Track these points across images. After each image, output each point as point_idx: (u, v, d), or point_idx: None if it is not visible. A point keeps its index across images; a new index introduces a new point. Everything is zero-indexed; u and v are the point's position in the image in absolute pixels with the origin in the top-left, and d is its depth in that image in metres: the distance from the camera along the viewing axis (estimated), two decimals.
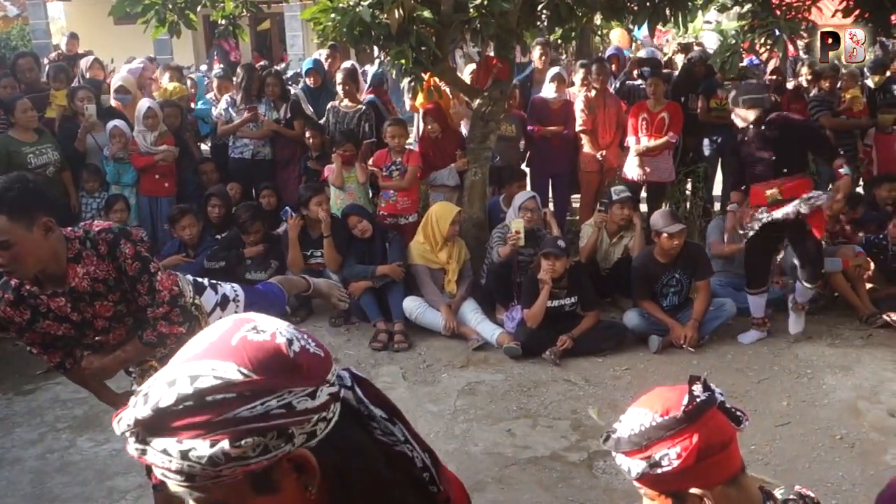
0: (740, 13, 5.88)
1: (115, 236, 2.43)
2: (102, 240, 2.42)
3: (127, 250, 2.42)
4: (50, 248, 2.34)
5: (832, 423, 4.23)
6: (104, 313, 2.51)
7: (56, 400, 4.67)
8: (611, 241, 5.94)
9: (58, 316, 2.48)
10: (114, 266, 2.43)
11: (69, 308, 2.47)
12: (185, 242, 5.98)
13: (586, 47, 10.37)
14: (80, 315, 2.49)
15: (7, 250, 2.24)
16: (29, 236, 2.26)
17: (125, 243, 2.43)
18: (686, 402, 1.35)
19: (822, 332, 5.44)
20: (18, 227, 2.23)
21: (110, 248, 2.41)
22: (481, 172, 6.15)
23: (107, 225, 2.51)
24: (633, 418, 1.39)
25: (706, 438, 1.33)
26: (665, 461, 1.34)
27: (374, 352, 5.28)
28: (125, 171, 6.45)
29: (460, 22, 5.47)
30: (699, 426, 1.34)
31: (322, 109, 7.03)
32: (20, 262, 2.29)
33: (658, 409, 1.37)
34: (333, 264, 5.80)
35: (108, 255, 2.42)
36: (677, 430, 1.33)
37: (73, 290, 2.43)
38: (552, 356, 5.01)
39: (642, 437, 1.36)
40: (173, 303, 2.51)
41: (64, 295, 2.44)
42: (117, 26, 12.36)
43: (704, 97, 7.51)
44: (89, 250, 2.41)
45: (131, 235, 2.49)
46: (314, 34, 5.82)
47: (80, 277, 2.41)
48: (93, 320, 2.52)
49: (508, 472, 3.80)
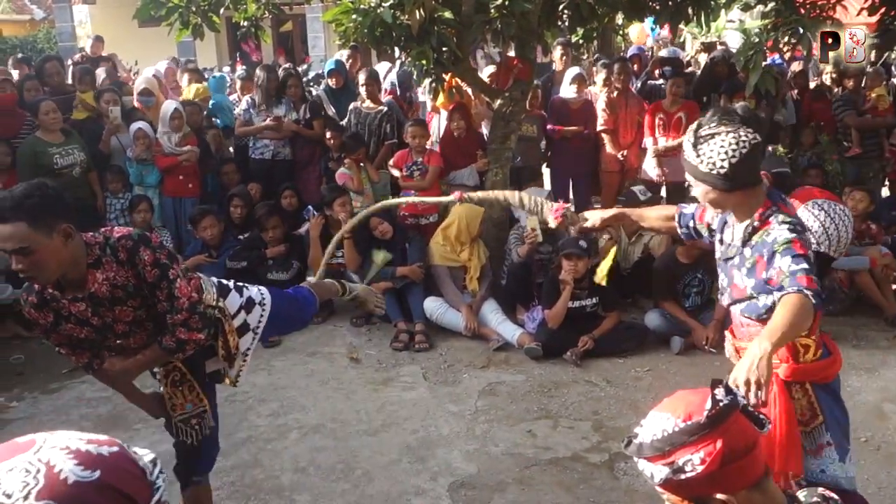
0: (764, 12, 5.83)
1: (134, 243, 2.44)
2: (122, 247, 2.43)
3: (146, 257, 2.43)
4: (70, 254, 2.36)
5: (857, 425, 4.16)
6: (124, 318, 2.53)
7: (81, 398, 4.73)
8: (630, 241, 5.91)
9: (79, 320, 2.51)
10: (133, 273, 2.44)
11: (90, 313, 2.49)
12: (208, 243, 6.03)
13: (608, 47, 10.33)
14: (100, 319, 2.51)
15: (27, 256, 2.26)
16: (49, 243, 2.28)
17: (144, 250, 2.43)
18: (709, 407, 1.33)
19: (846, 333, 5.37)
20: (39, 234, 2.25)
21: (129, 254, 2.42)
22: (502, 173, 6.14)
23: (126, 231, 2.51)
24: (656, 423, 1.38)
25: (730, 443, 1.31)
26: (688, 467, 1.32)
27: (395, 352, 5.29)
28: (148, 173, 6.51)
29: (481, 22, 5.47)
30: (722, 431, 1.32)
31: (344, 110, 7.06)
32: (41, 269, 2.31)
33: (680, 414, 1.35)
34: (353, 265, 5.83)
35: (128, 261, 2.43)
36: (700, 435, 1.32)
37: (93, 296, 2.45)
38: (573, 357, 5.00)
39: (665, 443, 1.34)
40: (192, 309, 2.52)
41: (84, 300, 2.46)
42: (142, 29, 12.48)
43: (727, 97, 7.45)
44: (109, 256, 2.43)
45: (151, 242, 2.49)
46: (336, 35, 5.84)
47: (99, 283, 2.43)
48: (113, 324, 2.54)
49: (529, 473, 3.80)
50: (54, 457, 0.90)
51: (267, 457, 4.00)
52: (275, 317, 3.00)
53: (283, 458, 3.99)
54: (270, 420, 4.40)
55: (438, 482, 3.73)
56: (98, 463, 0.92)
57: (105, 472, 0.92)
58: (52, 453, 0.91)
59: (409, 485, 3.72)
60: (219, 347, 2.78)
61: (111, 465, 0.93)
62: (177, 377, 2.80)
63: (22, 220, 2.22)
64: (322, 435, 4.21)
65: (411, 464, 3.90)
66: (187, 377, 2.80)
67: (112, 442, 0.97)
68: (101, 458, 0.93)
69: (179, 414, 2.84)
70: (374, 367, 5.08)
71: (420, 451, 4.01)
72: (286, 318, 3.20)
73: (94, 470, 0.91)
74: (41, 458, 0.90)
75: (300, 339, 5.38)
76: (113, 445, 0.96)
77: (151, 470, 0.99)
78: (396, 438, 4.14)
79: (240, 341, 2.84)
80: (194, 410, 2.83)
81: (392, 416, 4.39)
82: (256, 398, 4.63)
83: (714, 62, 7.84)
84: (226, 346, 2.77)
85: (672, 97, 6.74)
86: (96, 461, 0.92)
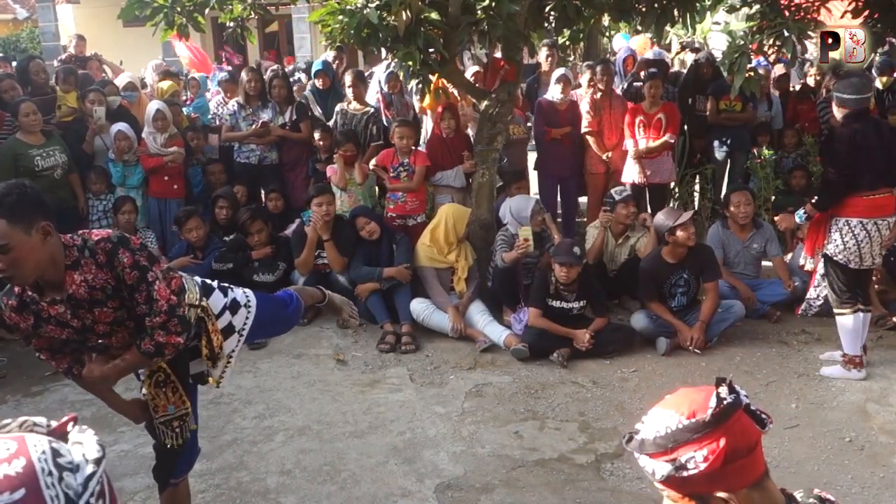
0: (749, 14, 5.86)
1: (113, 245, 2.41)
2: (101, 249, 2.40)
3: (125, 259, 2.40)
4: (48, 253, 2.34)
5: (841, 425, 4.21)
6: (104, 319, 2.50)
7: (64, 402, 4.69)
8: (617, 242, 5.93)
9: (59, 322, 2.48)
10: (112, 275, 2.42)
11: (69, 315, 2.46)
12: (193, 244, 5.99)
13: (594, 49, 10.36)
14: (79, 322, 2.48)
15: (6, 255, 2.25)
16: (28, 241, 2.26)
17: (124, 252, 2.41)
18: (713, 405, 1.34)
19: (831, 334, 5.39)
20: (17, 231, 2.24)
21: (109, 257, 2.40)
22: (489, 174, 6.14)
23: (105, 234, 2.48)
24: (659, 420, 1.38)
25: (733, 442, 1.32)
26: (691, 464, 1.32)
27: (382, 353, 5.28)
28: (131, 174, 6.47)
29: (468, 24, 5.47)
30: (726, 429, 1.32)
31: (331, 111, 7.05)
32: (19, 267, 2.29)
33: (684, 411, 1.36)
34: (337, 266, 5.81)
35: (107, 264, 2.40)
36: (704, 432, 1.32)
37: (71, 297, 2.42)
38: (559, 358, 5.00)
39: (668, 440, 1.35)
40: (171, 313, 2.48)
41: (62, 302, 2.44)
42: (126, 29, 12.42)
43: (714, 98, 7.50)
44: (88, 259, 2.40)
45: (130, 244, 2.45)
46: (322, 36, 5.82)
47: (77, 285, 2.40)
48: (93, 325, 2.51)
49: (516, 475, 3.80)
50: None
51: (252, 459, 3.98)
52: (260, 319, 2.98)
53: (268, 460, 3.97)
54: (256, 422, 4.38)
55: (425, 484, 3.72)
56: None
57: None
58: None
59: (395, 486, 3.71)
60: (202, 347, 2.75)
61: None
62: (160, 378, 2.78)
63: (1, 217, 2.22)
64: (308, 437, 4.20)
65: (398, 465, 3.89)
66: (171, 378, 2.78)
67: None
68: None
69: (161, 416, 2.81)
70: (360, 369, 5.07)
71: (407, 453, 4.00)
72: (272, 321, 3.17)
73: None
74: None
75: (286, 341, 5.36)
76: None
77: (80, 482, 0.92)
78: (383, 440, 4.13)
79: (225, 343, 2.82)
80: (177, 412, 2.81)
81: (379, 417, 4.38)
82: (242, 400, 4.61)
83: (699, 64, 7.88)
84: (209, 346, 2.75)
85: (651, 99, 6.77)
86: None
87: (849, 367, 4.70)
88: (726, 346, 5.28)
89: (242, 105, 6.88)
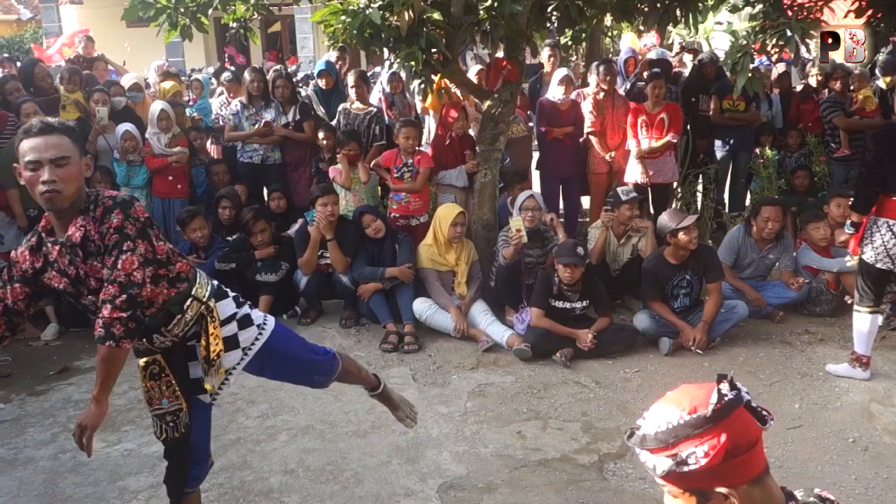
0: (752, 14, 5.86)
1: (113, 204, 2.46)
2: (103, 203, 2.47)
3: (115, 220, 2.43)
4: (82, 185, 2.50)
5: (845, 425, 4.21)
6: (94, 274, 2.52)
7: (68, 401, 4.71)
8: (619, 243, 5.93)
9: (60, 269, 2.53)
10: (98, 231, 2.45)
11: (66, 261, 2.51)
12: (196, 244, 6.00)
13: (597, 49, 10.35)
14: (75, 270, 2.52)
15: (62, 168, 2.42)
16: (79, 163, 2.48)
17: (118, 213, 2.44)
18: (714, 401, 1.35)
19: (834, 334, 5.41)
20: (75, 151, 2.48)
21: (104, 213, 2.45)
22: (491, 174, 6.15)
23: (115, 193, 2.56)
24: (660, 415, 1.39)
25: (734, 438, 1.33)
26: (692, 459, 1.34)
27: (385, 353, 5.28)
28: (135, 174, 6.49)
29: (470, 24, 5.47)
30: (727, 425, 1.34)
31: (334, 111, 7.06)
32: (67, 184, 2.42)
33: (685, 407, 1.37)
34: (340, 266, 5.81)
35: (100, 218, 2.45)
36: (705, 428, 1.34)
37: (69, 239, 2.48)
38: (562, 358, 5.00)
39: (669, 435, 1.36)
40: (123, 287, 2.43)
41: (62, 245, 2.50)
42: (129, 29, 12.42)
43: (717, 98, 7.49)
44: (92, 209, 2.49)
45: (130, 209, 2.47)
46: (324, 36, 5.82)
47: (76, 228, 2.47)
48: (86, 279, 2.53)
49: (519, 475, 3.80)
50: None
51: (256, 458, 3.99)
52: (275, 349, 2.89)
53: (272, 459, 3.98)
54: (259, 422, 4.38)
55: (428, 483, 3.73)
56: None
57: None
58: None
59: (398, 486, 3.71)
60: (201, 348, 2.75)
61: None
62: (155, 370, 2.76)
63: (65, 135, 2.47)
64: (311, 437, 4.20)
65: (401, 465, 3.89)
66: (165, 372, 2.77)
67: None
68: None
69: (155, 408, 2.81)
70: None
71: (409, 453, 4.00)
72: (291, 358, 3.00)
73: None
74: None
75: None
76: None
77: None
78: (386, 440, 4.14)
79: (225, 353, 2.77)
80: (170, 407, 2.79)
81: (381, 417, 4.38)
82: (245, 400, 4.61)
83: (702, 64, 7.88)
84: (207, 349, 2.73)
85: (654, 99, 6.77)
86: None
87: (855, 365, 4.70)
88: (729, 346, 5.27)
89: (246, 105, 6.90)
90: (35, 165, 2.41)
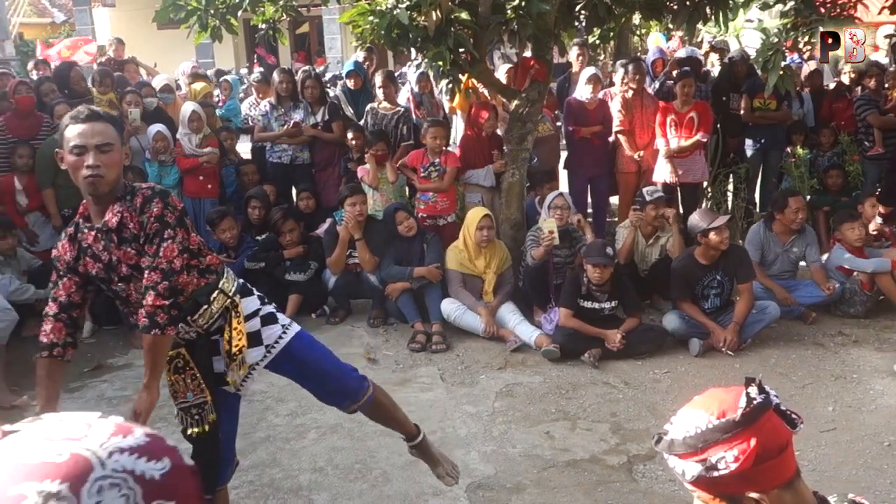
0: (783, 11, 5.78)
1: (153, 193, 2.57)
2: (142, 194, 2.56)
3: (155, 209, 2.53)
4: (121, 173, 2.59)
5: (879, 429, 4.14)
6: (127, 260, 2.60)
7: (102, 397, 4.78)
8: (647, 243, 5.89)
9: (94, 254, 2.61)
10: (138, 220, 2.54)
11: (101, 246, 2.59)
12: (226, 244, 6.06)
13: (625, 48, 10.29)
14: (108, 256, 2.59)
15: (106, 154, 2.50)
16: (120, 151, 2.58)
17: (157, 202, 2.54)
18: (743, 405, 1.33)
19: (869, 335, 5.32)
20: (117, 139, 2.57)
21: (143, 202, 2.54)
22: (519, 174, 6.14)
23: (152, 184, 2.66)
24: (688, 420, 1.37)
25: (763, 442, 1.31)
26: (721, 464, 1.32)
27: (413, 353, 5.29)
28: (167, 174, 6.57)
29: (498, 23, 5.47)
30: (756, 429, 1.32)
31: (362, 111, 7.08)
32: (109, 170, 2.51)
33: (714, 411, 1.35)
34: (368, 265, 5.84)
35: (140, 208, 2.54)
36: (734, 432, 1.32)
37: (105, 224, 2.56)
38: (591, 358, 4.98)
39: (698, 440, 1.34)
40: (166, 274, 2.53)
41: (98, 231, 2.58)
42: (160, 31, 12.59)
43: (748, 97, 7.41)
44: (129, 198, 2.57)
45: (168, 198, 2.59)
46: (352, 37, 5.86)
47: (113, 213, 2.55)
48: (118, 265, 2.60)
49: (547, 475, 3.79)
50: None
51: (285, 456, 4.02)
52: (300, 355, 2.91)
53: (301, 457, 4.01)
54: (288, 420, 4.42)
55: (456, 483, 3.72)
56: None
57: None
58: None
59: (426, 485, 3.72)
60: (224, 342, 2.78)
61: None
62: (179, 364, 2.80)
63: (110, 124, 2.57)
64: (340, 435, 4.22)
65: None
66: (190, 365, 2.80)
67: None
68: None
69: (181, 401, 2.85)
70: (391, 368, 5.09)
71: None
72: (310, 365, 2.98)
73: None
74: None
75: (318, 340, 5.39)
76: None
77: None
78: None
79: (248, 349, 2.81)
80: (195, 400, 2.82)
81: (409, 416, 4.39)
82: (275, 398, 4.65)
83: (733, 62, 7.79)
84: (229, 342, 2.77)
85: (683, 98, 6.70)
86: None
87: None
88: (761, 347, 5.21)
89: (274, 105, 6.96)
90: (80, 150, 2.49)
